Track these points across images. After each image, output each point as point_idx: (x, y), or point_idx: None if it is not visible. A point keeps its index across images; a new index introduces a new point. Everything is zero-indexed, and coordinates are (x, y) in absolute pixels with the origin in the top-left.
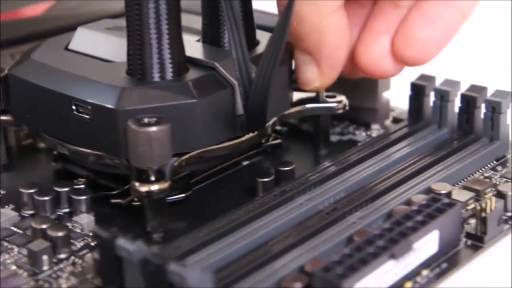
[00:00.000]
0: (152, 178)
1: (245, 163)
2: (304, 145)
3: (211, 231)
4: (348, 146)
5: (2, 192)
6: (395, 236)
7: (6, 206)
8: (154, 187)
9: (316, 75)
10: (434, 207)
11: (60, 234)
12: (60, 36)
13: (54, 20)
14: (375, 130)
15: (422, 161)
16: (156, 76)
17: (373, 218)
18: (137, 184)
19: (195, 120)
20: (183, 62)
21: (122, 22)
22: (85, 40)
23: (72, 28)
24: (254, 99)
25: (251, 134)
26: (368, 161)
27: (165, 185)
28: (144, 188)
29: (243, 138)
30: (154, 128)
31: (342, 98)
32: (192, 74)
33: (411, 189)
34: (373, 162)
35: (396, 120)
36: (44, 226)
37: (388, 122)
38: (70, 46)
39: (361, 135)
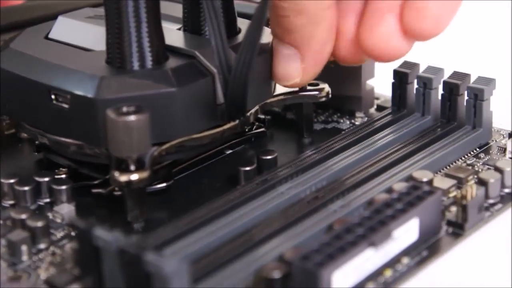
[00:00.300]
0: (132, 168)
1: (228, 152)
2: (287, 133)
3: (191, 220)
4: (332, 135)
5: None
6: (374, 224)
7: None
8: (134, 177)
9: (298, 70)
10: (414, 195)
11: (39, 224)
12: (40, 25)
13: (36, 9)
14: (360, 118)
15: (404, 149)
16: (136, 65)
17: (354, 207)
18: (116, 173)
19: (175, 108)
20: (162, 51)
21: (103, 11)
22: (65, 29)
23: (53, 17)
24: (233, 87)
25: (232, 123)
26: (351, 149)
27: (144, 174)
28: (123, 178)
29: (225, 127)
30: (132, 117)
31: (325, 85)
32: (172, 63)
33: (392, 177)
34: (356, 150)
35: (380, 108)
36: (23, 216)
37: (372, 110)
38: (50, 35)
39: (345, 123)
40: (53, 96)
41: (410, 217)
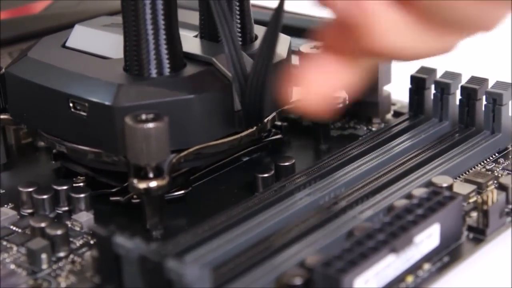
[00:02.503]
0: (151, 175)
1: (245, 159)
2: (304, 140)
3: (210, 227)
4: (349, 141)
5: (2, 191)
6: (395, 230)
7: (6, 205)
8: (153, 184)
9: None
10: (435, 201)
11: (59, 232)
12: (57, 34)
13: (53, 18)
14: (376, 124)
15: (423, 155)
16: (153, 72)
17: (373, 212)
18: (135, 181)
19: (192, 116)
20: (180, 58)
21: (120, 19)
22: (82, 37)
23: (70, 26)
24: (250, 94)
25: (249, 130)
26: (368, 155)
27: (163, 182)
28: (142, 185)
29: (242, 134)
30: (151, 125)
31: (342, 92)
32: (190, 70)
33: (412, 182)
34: (373, 157)
35: (397, 114)
36: (42, 225)
37: (389, 116)
38: (68, 44)
39: (362, 129)
40: (71, 104)
41: (431, 222)
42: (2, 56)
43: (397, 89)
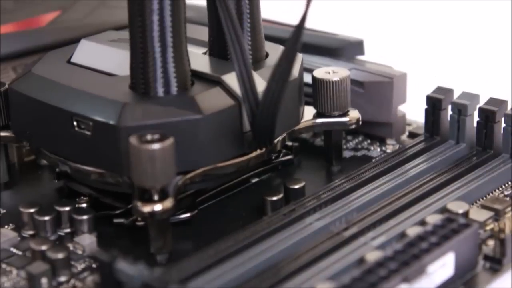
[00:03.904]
0: (155, 198)
1: (254, 180)
2: (316, 161)
3: (216, 252)
4: (362, 162)
5: (2, 211)
6: (408, 258)
7: (6, 226)
8: (157, 207)
9: None
10: (449, 228)
11: (60, 256)
12: (62, 49)
13: (58, 32)
14: (391, 145)
15: (438, 179)
16: (160, 91)
17: (386, 239)
18: (139, 203)
19: (200, 136)
20: (188, 76)
21: (127, 34)
22: (88, 52)
23: (76, 40)
24: (262, 115)
25: (258, 151)
26: (382, 178)
27: (168, 204)
28: (147, 208)
29: (251, 155)
30: (157, 146)
31: (355, 112)
32: (198, 89)
33: (426, 208)
34: (387, 180)
35: (412, 135)
36: (43, 248)
37: (404, 136)
38: (73, 59)
39: (375, 150)
40: (75, 123)
41: (445, 251)
42: (5, 71)
43: (413, 109)
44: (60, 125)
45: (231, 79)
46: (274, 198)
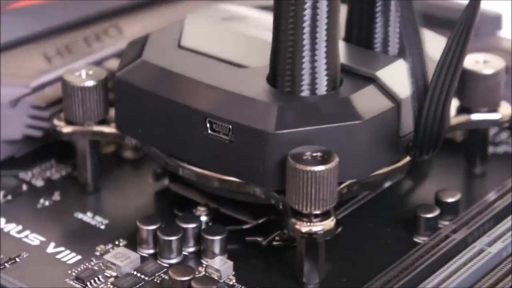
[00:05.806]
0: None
1: (387, 184)
2: (451, 159)
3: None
4: (505, 161)
5: (104, 221)
6: None
7: (117, 242)
8: (317, 228)
9: None
10: None
11: None
12: (165, 28)
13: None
14: None
15: None
16: (309, 90)
17: None
18: (294, 220)
19: (357, 144)
20: (339, 74)
21: (235, 9)
22: (199, 34)
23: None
24: (428, 117)
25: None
26: None
27: (331, 225)
28: (305, 228)
29: (403, 162)
30: (322, 167)
31: (507, 106)
32: (349, 88)
33: None
34: None
35: None
36: (186, 278)
37: None
38: (183, 43)
39: None
40: (208, 125)
41: None
42: (76, 43)
43: None
44: (188, 126)
45: (387, 76)
46: (429, 215)
